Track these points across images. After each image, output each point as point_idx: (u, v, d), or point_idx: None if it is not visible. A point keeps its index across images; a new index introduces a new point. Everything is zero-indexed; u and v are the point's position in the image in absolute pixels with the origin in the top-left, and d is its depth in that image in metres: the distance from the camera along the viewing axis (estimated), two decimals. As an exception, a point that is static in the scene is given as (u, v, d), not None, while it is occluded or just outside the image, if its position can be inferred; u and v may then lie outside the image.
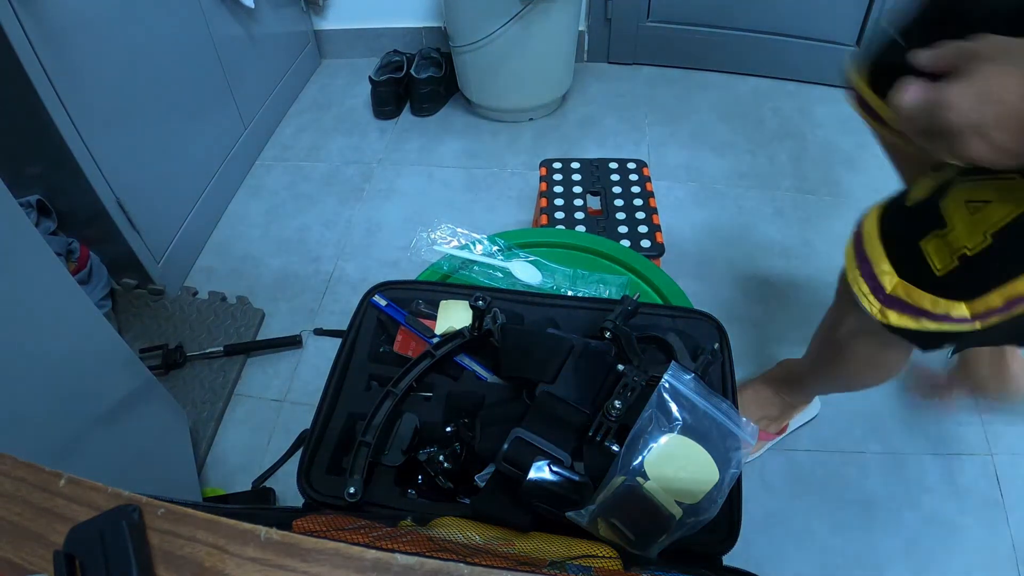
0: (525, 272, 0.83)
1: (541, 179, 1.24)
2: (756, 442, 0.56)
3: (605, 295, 0.81)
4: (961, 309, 0.64)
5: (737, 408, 0.59)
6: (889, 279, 0.68)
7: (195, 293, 1.45)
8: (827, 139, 1.89)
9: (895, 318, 0.68)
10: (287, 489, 1.16)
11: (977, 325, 0.64)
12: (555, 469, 0.54)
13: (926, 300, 0.66)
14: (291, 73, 1.94)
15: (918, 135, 0.53)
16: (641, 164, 1.26)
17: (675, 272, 0.93)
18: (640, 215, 1.16)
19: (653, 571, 0.47)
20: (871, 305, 0.70)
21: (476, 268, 0.84)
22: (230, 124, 1.66)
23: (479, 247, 0.86)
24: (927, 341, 0.69)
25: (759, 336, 1.39)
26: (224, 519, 0.39)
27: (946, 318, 0.65)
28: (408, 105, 1.98)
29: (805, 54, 1.99)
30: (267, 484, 1.17)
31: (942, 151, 0.52)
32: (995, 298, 0.62)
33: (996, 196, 0.60)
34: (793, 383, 1.11)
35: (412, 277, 0.86)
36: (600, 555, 0.49)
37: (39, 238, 0.78)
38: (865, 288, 0.70)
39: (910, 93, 0.51)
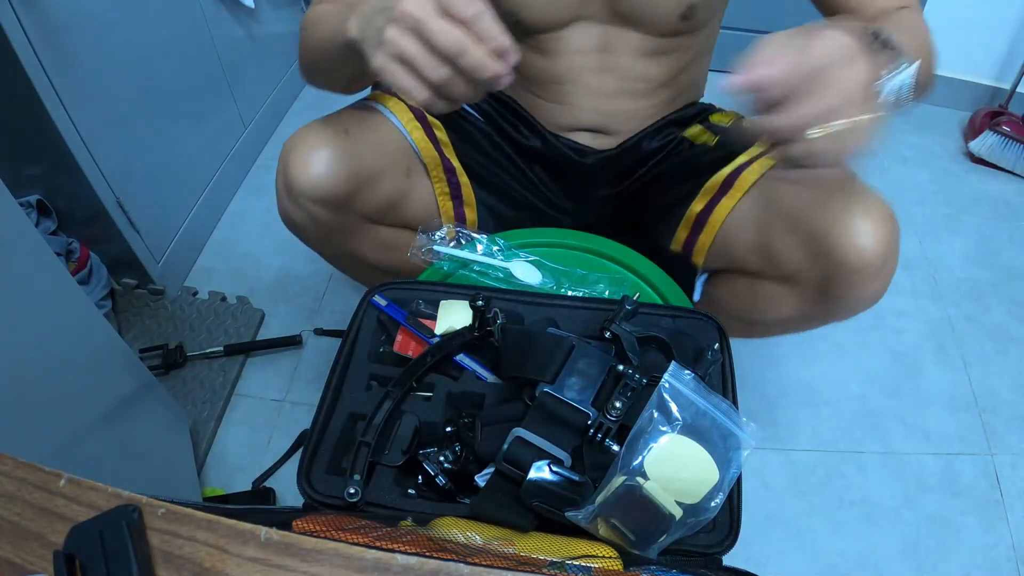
0: (525, 272, 0.83)
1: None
2: (756, 442, 0.56)
3: (605, 295, 0.81)
4: None
5: (737, 408, 0.59)
6: None
7: (195, 293, 1.45)
8: (827, 139, 1.89)
9: None
10: (287, 489, 1.16)
11: None
12: (555, 469, 0.54)
13: None
14: (291, 73, 1.94)
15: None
16: (641, 164, 1.26)
17: (675, 272, 0.93)
18: (640, 215, 1.16)
19: (653, 571, 0.47)
20: None
21: (476, 268, 0.84)
22: (230, 124, 1.66)
23: (479, 247, 0.86)
24: None
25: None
26: (224, 519, 0.39)
27: None
28: (408, 105, 1.98)
29: (805, 54, 1.99)
30: (267, 484, 1.17)
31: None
32: None
33: None
34: None
35: (412, 277, 0.86)
36: (600, 555, 0.49)
37: (39, 238, 0.77)
38: None
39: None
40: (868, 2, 0.75)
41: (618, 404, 0.57)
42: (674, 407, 0.55)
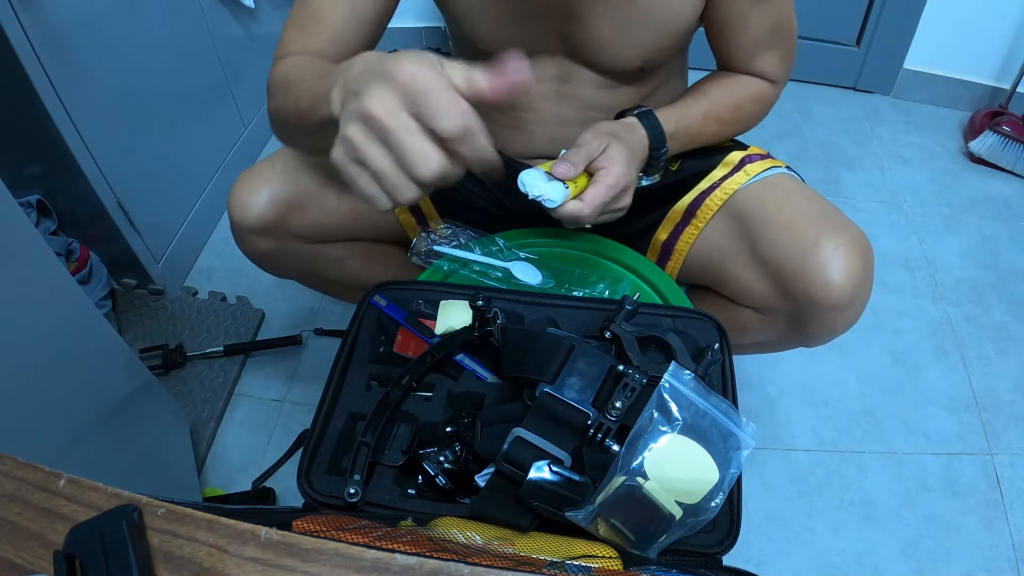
0: (525, 272, 0.83)
1: (541, 179, 1.24)
2: (756, 442, 0.56)
3: (605, 295, 0.81)
4: None
5: (737, 408, 0.59)
6: None
7: (195, 293, 1.45)
8: (827, 139, 1.89)
9: None
10: (287, 489, 1.16)
11: None
12: (555, 469, 0.54)
13: None
14: (291, 73, 1.94)
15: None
16: (641, 164, 1.26)
17: (675, 272, 0.93)
18: (640, 215, 1.15)
19: (653, 571, 0.47)
20: None
21: (476, 268, 0.84)
22: (230, 124, 1.66)
23: (479, 247, 0.86)
24: None
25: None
26: (224, 519, 0.39)
27: None
28: (408, 105, 1.98)
29: (805, 54, 1.99)
30: (267, 484, 1.17)
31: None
32: None
33: None
34: None
35: (412, 277, 0.86)
36: (600, 555, 0.49)
37: (39, 238, 0.77)
38: None
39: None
40: (744, 60, 0.83)
41: (618, 404, 0.57)
42: (674, 407, 0.55)
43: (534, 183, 0.67)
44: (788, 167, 0.87)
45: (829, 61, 2.00)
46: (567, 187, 0.69)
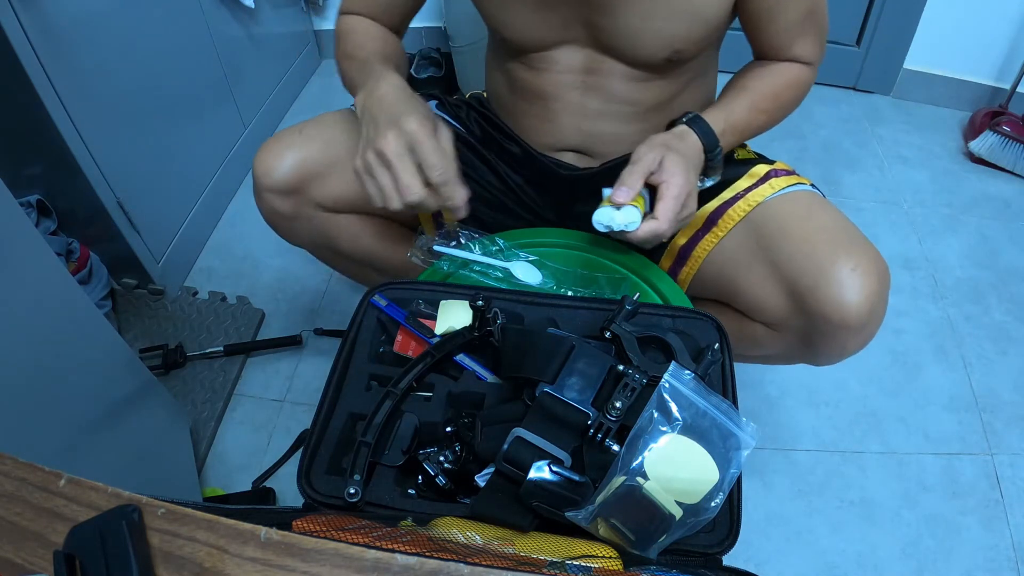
0: (525, 272, 0.83)
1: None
2: (756, 442, 0.56)
3: (605, 295, 0.81)
4: None
5: (737, 408, 0.59)
6: None
7: (195, 293, 1.45)
8: (827, 139, 1.89)
9: None
10: (287, 489, 1.16)
11: None
12: (555, 469, 0.54)
13: None
14: (291, 73, 1.94)
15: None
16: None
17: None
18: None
19: (653, 571, 0.47)
20: None
21: (476, 268, 0.84)
22: (230, 124, 1.66)
23: (479, 247, 0.86)
24: None
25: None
26: (224, 519, 0.39)
27: None
28: (408, 105, 1.98)
29: (805, 54, 1.99)
30: (267, 484, 1.17)
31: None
32: None
33: None
34: None
35: (412, 277, 0.86)
36: (600, 555, 0.49)
37: (39, 238, 0.78)
38: None
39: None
40: (783, 47, 0.83)
41: (618, 404, 0.57)
42: (674, 407, 0.55)
43: (609, 218, 0.70)
44: (813, 185, 0.87)
45: (829, 61, 1.99)
46: (636, 207, 0.71)
